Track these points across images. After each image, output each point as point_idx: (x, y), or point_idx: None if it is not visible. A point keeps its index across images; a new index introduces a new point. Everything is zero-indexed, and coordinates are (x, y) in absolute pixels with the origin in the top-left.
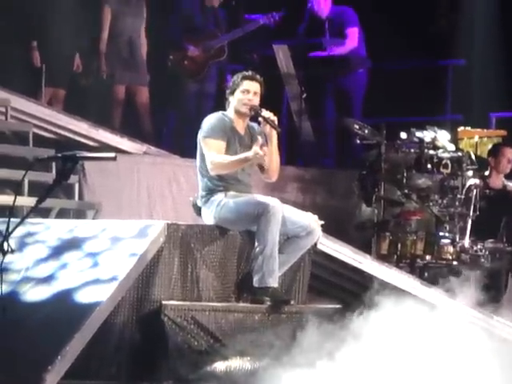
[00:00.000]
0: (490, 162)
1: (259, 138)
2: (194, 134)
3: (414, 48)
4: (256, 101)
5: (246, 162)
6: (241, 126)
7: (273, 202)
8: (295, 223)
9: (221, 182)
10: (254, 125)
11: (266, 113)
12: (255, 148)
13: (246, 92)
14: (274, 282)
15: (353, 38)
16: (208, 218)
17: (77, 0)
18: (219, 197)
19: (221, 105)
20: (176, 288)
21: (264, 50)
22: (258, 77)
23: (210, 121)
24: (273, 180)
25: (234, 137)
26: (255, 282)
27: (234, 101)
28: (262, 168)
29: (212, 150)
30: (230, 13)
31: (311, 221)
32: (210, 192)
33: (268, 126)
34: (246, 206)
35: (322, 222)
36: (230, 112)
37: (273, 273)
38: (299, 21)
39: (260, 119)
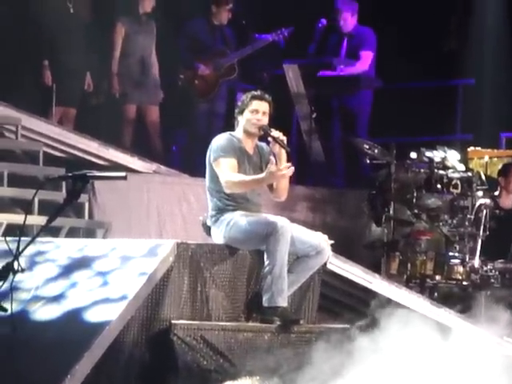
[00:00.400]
0: (500, 182)
1: (272, 158)
2: (203, 153)
3: (425, 67)
4: (265, 120)
5: (261, 183)
6: (250, 145)
7: (282, 221)
8: (305, 243)
9: (230, 202)
10: (263, 144)
11: (275, 132)
12: (270, 167)
13: (255, 112)
14: (283, 302)
15: (365, 61)
16: (218, 237)
17: (88, 19)
18: (229, 216)
19: (230, 124)
20: (186, 307)
21: (274, 70)
22: (266, 96)
23: (218, 141)
24: (282, 199)
25: (242, 157)
26: (264, 302)
27: (243, 121)
28: (271, 187)
29: (225, 169)
30: (240, 32)
31: (321, 240)
32: (220, 211)
33: (277, 146)
34: (255, 226)
35: (332, 242)
36: (238, 132)
37: (282, 292)
38: (309, 40)
39: (269, 139)
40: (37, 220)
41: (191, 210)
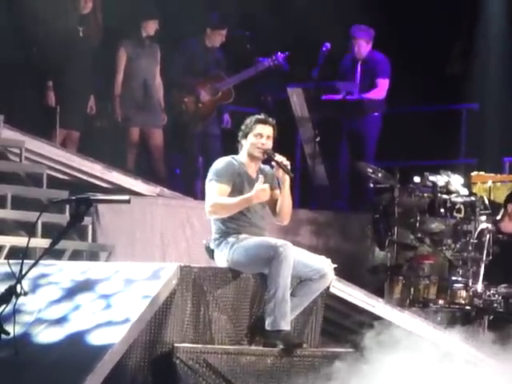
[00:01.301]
0: (508, 208)
1: (260, 176)
2: (201, 176)
3: (428, 92)
4: (269, 144)
5: (248, 203)
6: (253, 169)
7: (284, 245)
8: (308, 266)
9: (234, 225)
10: (266, 167)
11: (279, 157)
12: (257, 186)
13: (259, 136)
14: (286, 326)
15: (382, 88)
16: (221, 260)
17: (96, 43)
18: (232, 240)
19: (226, 145)
20: (188, 330)
21: (278, 93)
22: (270, 120)
23: (217, 165)
24: (284, 223)
25: (245, 181)
26: (267, 326)
27: (247, 144)
28: (274, 211)
29: (214, 193)
30: (243, 56)
31: (324, 264)
32: (223, 235)
33: (281, 171)
34: (257, 250)
35: (335, 266)
36: (242, 155)
37: (285, 316)
38: (313, 65)
39: (273, 163)
40: (40, 243)
41: (195, 234)
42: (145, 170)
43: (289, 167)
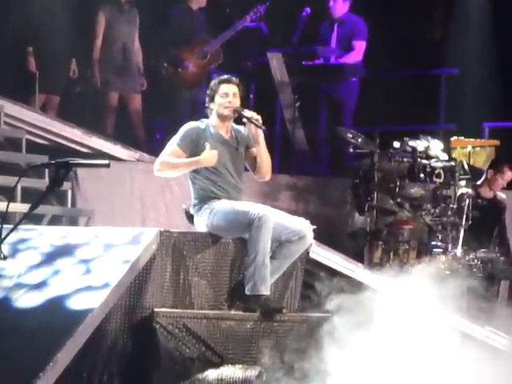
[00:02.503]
0: (488, 173)
1: (207, 144)
2: None
3: (408, 57)
4: (236, 102)
5: (197, 165)
6: (225, 130)
7: (263, 210)
8: (287, 228)
9: (213, 189)
10: (240, 127)
11: (248, 113)
12: (206, 151)
13: (224, 95)
14: (266, 290)
15: (359, 51)
16: (201, 225)
17: (73, 7)
18: (211, 205)
19: None
20: (168, 295)
21: (258, 58)
22: (234, 79)
23: (184, 128)
24: (266, 179)
25: (217, 142)
26: (247, 290)
27: (215, 106)
28: (254, 168)
29: (166, 152)
30: (222, 19)
31: (303, 225)
32: (203, 199)
33: (253, 126)
34: (236, 214)
35: (314, 227)
36: (212, 119)
37: (265, 281)
38: (292, 29)
39: (244, 120)
40: (19, 207)
41: (174, 199)
42: (124, 135)
43: (260, 121)
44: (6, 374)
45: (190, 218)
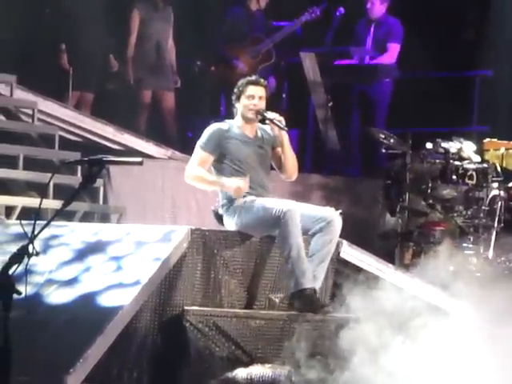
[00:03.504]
0: None
1: (246, 178)
2: None
3: (442, 58)
4: (262, 105)
5: (221, 188)
6: (249, 130)
7: (288, 205)
8: (313, 217)
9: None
10: (266, 127)
11: (271, 115)
12: (239, 183)
13: (250, 98)
14: (309, 283)
15: (393, 53)
16: (230, 225)
17: (107, 4)
18: (239, 203)
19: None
20: (198, 293)
21: (291, 58)
22: (262, 81)
23: (207, 131)
24: (292, 179)
25: (241, 143)
26: (291, 288)
27: (241, 107)
28: (280, 168)
29: (194, 160)
30: (279, 19)
31: (329, 212)
32: (231, 199)
33: (276, 128)
34: (264, 211)
35: (340, 211)
36: (237, 119)
37: (305, 273)
38: (326, 29)
39: (267, 122)
40: (52, 204)
41: (206, 197)
42: (157, 132)
43: (283, 123)
44: (37, 369)
45: (220, 218)
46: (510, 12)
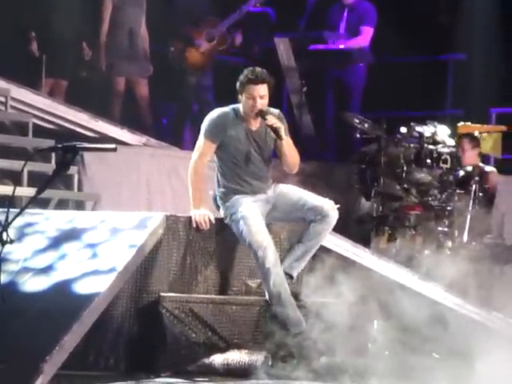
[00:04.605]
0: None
1: (210, 215)
2: (193, 127)
3: (415, 42)
4: (263, 103)
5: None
6: (252, 121)
7: (266, 241)
8: (310, 209)
9: (236, 182)
10: (275, 112)
11: (270, 120)
12: (200, 219)
13: (251, 99)
14: (295, 328)
15: (366, 36)
16: (224, 217)
17: None
18: (233, 206)
19: (220, 97)
20: (174, 280)
21: (265, 43)
22: (263, 77)
23: (209, 117)
24: (293, 172)
25: (244, 133)
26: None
27: (242, 102)
28: (280, 159)
29: (198, 148)
30: (229, 2)
31: (327, 205)
32: (227, 192)
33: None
34: (246, 237)
35: (338, 206)
36: (241, 108)
37: (288, 317)
38: (300, 14)
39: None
40: (26, 191)
41: (181, 183)
42: (131, 119)
43: (281, 130)
44: (13, 357)
45: (217, 206)
46: None
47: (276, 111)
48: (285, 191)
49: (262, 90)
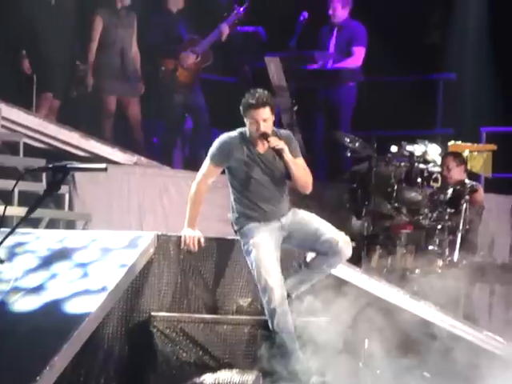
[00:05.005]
0: (447, 161)
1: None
2: (184, 146)
3: (406, 61)
4: (266, 126)
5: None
6: (259, 143)
7: (273, 282)
8: (322, 241)
9: (248, 207)
10: (284, 132)
11: (272, 142)
12: (190, 241)
13: (253, 123)
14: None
15: (358, 57)
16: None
17: (69, 10)
18: (247, 234)
19: (214, 116)
20: (165, 299)
21: (256, 63)
22: (264, 100)
23: (218, 141)
24: (306, 193)
25: (252, 155)
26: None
27: (247, 125)
28: (291, 179)
29: (202, 169)
30: (210, 21)
31: (340, 239)
32: (240, 216)
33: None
34: (256, 271)
35: (353, 244)
36: (248, 130)
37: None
38: (291, 34)
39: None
40: (17, 211)
41: (172, 202)
42: (122, 138)
43: (285, 152)
44: (3, 377)
45: (235, 231)
46: (473, 15)
47: (286, 132)
48: (303, 220)
49: (265, 113)
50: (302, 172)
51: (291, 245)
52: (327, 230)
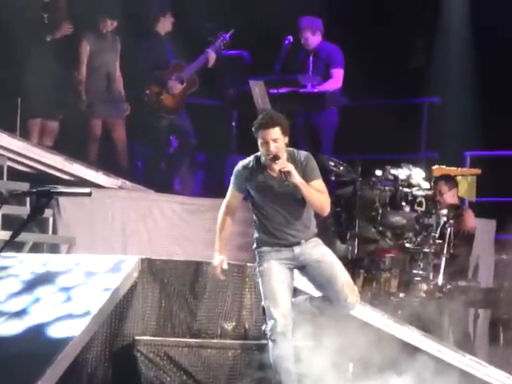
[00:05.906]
0: (438, 186)
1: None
2: (168, 169)
3: (390, 85)
4: (277, 146)
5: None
6: (273, 166)
7: (277, 314)
8: (331, 291)
9: (264, 232)
10: (301, 155)
11: (279, 164)
12: (217, 267)
13: (264, 143)
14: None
15: (337, 79)
16: None
17: (58, 29)
18: (260, 258)
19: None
20: (149, 323)
21: (241, 86)
22: (273, 120)
23: (235, 169)
24: (323, 215)
25: (265, 180)
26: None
27: (260, 148)
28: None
29: (228, 194)
30: (196, 46)
31: (352, 297)
32: (257, 240)
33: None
34: (263, 297)
35: (358, 298)
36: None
37: None
38: (275, 58)
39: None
40: (0, 235)
41: (156, 226)
42: (107, 162)
43: (290, 173)
44: None
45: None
46: (457, 39)
47: (304, 154)
48: (322, 257)
49: (274, 133)
50: (314, 194)
51: (302, 276)
52: (340, 280)
